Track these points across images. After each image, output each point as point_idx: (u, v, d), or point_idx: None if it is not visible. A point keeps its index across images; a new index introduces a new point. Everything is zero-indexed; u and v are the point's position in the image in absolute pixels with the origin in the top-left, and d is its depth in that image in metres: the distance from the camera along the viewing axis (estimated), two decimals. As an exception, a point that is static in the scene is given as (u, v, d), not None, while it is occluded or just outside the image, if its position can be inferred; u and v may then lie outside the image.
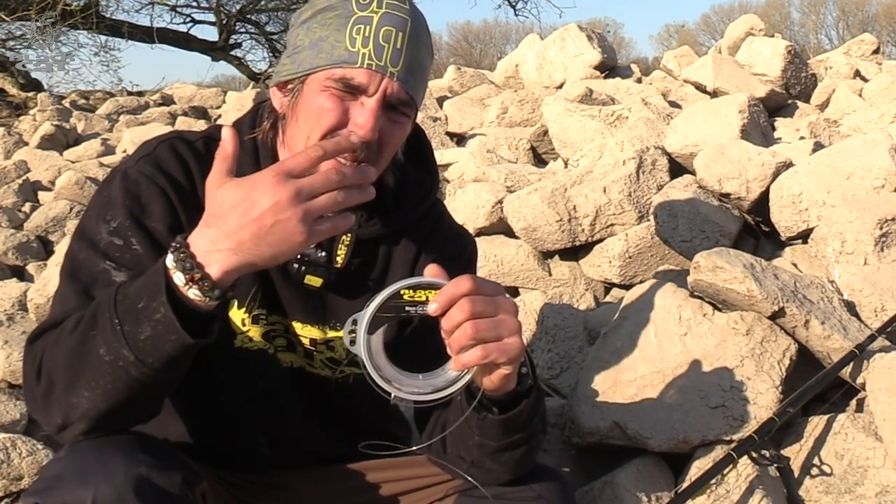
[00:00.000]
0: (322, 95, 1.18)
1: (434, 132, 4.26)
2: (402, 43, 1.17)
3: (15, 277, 3.28)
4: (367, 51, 1.15)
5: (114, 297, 1.03)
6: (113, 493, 1.01)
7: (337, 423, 1.39)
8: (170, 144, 1.27)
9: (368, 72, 1.16)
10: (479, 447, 1.21)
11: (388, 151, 1.23)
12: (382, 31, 1.16)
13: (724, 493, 1.67)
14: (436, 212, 1.41)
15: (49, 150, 5.60)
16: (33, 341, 1.12)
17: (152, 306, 1.00)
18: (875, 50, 5.61)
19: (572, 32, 5.26)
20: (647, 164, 2.80)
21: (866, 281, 2.11)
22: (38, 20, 10.44)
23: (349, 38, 1.16)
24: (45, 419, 1.10)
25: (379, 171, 1.25)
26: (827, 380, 1.82)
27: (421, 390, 1.03)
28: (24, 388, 1.11)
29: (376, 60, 1.15)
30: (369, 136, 1.16)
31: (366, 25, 1.16)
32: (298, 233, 0.98)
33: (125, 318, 1.01)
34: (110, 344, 1.01)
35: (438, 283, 1.01)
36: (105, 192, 1.23)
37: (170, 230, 1.20)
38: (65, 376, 1.05)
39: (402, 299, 0.99)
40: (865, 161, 2.51)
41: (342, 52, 1.16)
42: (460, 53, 37.28)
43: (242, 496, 1.36)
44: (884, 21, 34.83)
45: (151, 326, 1.00)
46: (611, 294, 2.70)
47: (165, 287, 0.99)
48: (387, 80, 1.16)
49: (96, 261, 1.17)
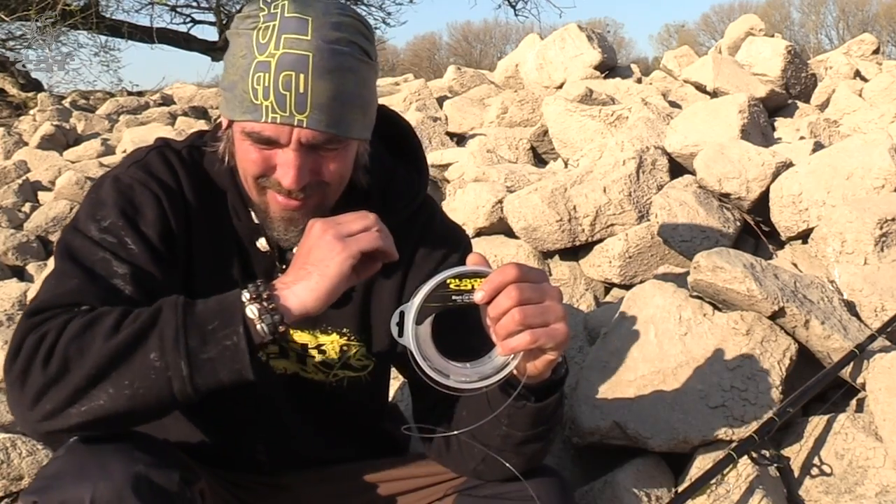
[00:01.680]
0: (244, 144, 1.16)
1: (434, 132, 4.26)
2: (304, 85, 1.09)
3: (15, 277, 3.29)
4: (269, 103, 1.10)
5: (182, 308, 1.03)
6: (111, 491, 1.01)
7: (333, 427, 1.39)
8: (160, 152, 1.27)
9: (274, 126, 1.11)
10: (504, 438, 1.20)
11: (335, 181, 1.19)
12: (282, 78, 1.09)
13: (724, 493, 1.67)
14: (427, 210, 1.39)
15: (49, 150, 5.60)
16: (33, 316, 1.07)
17: (225, 332, 1.02)
18: (875, 50, 5.62)
19: (572, 32, 5.27)
20: (647, 164, 2.80)
21: (866, 281, 2.11)
22: (38, 20, 10.44)
23: (251, 90, 1.10)
24: (30, 404, 1.02)
25: (334, 195, 1.22)
26: (827, 380, 1.82)
27: (469, 378, 1.03)
28: (12, 360, 1.04)
29: (280, 112, 1.10)
30: (294, 186, 1.14)
31: (265, 73, 1.09)
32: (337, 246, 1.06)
33: (192, 332, 1.02)
34: (167, 351, 1.01)
35: (484, 272, 1.01)
36: (94, 194, 1.22)
37: (161, 237, 1.19)
38: (93, 369, 1.01)
39: (449, 289, 1.00)
40: (865, 161, 2.51)
41: (249, 105, 1.11)
42: (460, 53, 37.28)
43: (242, 495, 1.36)
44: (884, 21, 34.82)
45: (218, 350, 1.02)
46: (611, 294, 2.70)
47: (242, 318, 1.03)
48: (297, 131, 1.11)
49: (94, 249, 1.15)
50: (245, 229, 1.28)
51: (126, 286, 1.12)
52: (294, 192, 1.15)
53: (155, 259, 1.18)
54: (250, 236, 1.28)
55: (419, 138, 1.41)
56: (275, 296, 1.05)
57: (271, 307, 1.04)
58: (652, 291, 2.01)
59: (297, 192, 1.15)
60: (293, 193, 1.16)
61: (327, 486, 1.39)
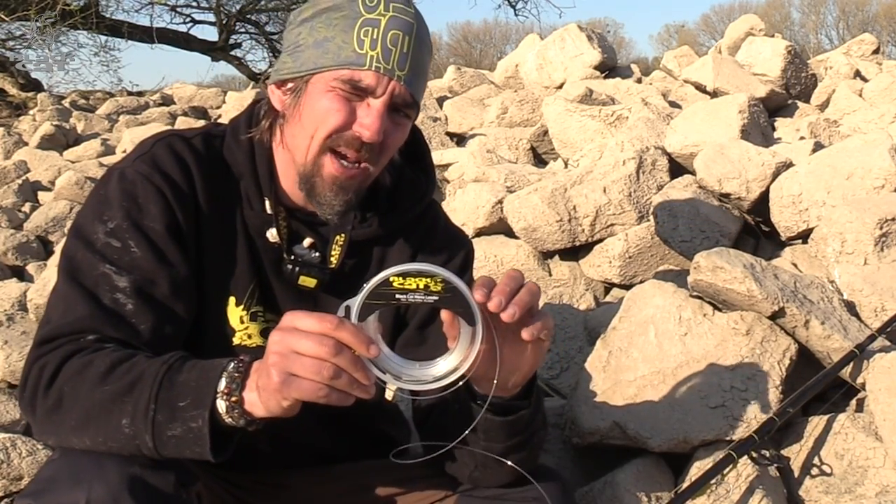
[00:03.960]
0: (327, 96, 1.18)
1: (434, 132, 4.26)
2: (408, 46, 1.18)
3: (15, 277, 3.29)
4: (376, 53, 1.16)
5: (160, 380, 1.03)
6: (107, 493, 1.01)
7: (335, 421, 1.38)
8: (167, 143, 1.26)
9: (377, 74, 1.17)
10: (485, 450, 1.21)
11: (388, 152, 1.24)
12: (390, 35, 1.16)
13: (724, 493, 1.67)
14: (431, 213, 1.41)
15: (49, 150, 5.60)
16: (42, 346, 1.11)
17: (192, 413, 1.01)
18: (875, 50, 5.62)
19: (572, 32, 5.26)
20: (647, 164, 2.80)
21: (866, 281, 2.11)
22: (38, 20, 10.44)
23: (357, 40, 1.16)
24: (38, 429, 1.11)
25: (376, 173, 1.25)
26: (827, 380, 1.82)
27: (420, 379, 1.02)
28: (23, 389, 1.11)
29: (384, 64, 1.16)
30: (375, 138, 1.17)
31: (374, 28, 1.16)
32: (275, 382, 0.96)
33: (162, 407, 1.02)
34: (136, 422, 1.02)
35: (428, 271, 0.99)
36: (102, 190, 1.23)
37: (167, 229, 1.20)
38: (78, 418, 1.05)
39: (392, 286, 0.99)
40: (865, 161, 2.51)
41: (350, 54, 1.16)
42: (460, 53, 37.30)
43: (242, 496, 1.36)
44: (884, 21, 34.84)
45: (183, 430, 1.01)
46: (611, 294, 2.70)
47: (212, 402, 1.00)
48: (394, 83, 1.17)
49: (95, 263, 1.17)
50: (256, 219, 1.29)
51: (128, 301, 1.15)
52: (363, 150, 1.18)
53: (159, 259, 1.18)
54: (260, 227, 1.29)
55: (426, 141, 1.43)
56: (242, 398, 1.00)
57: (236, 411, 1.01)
58: (652, 291, 2.01)
59: (364, 151, 1.19)
60: (361, 152, 1.19)
61: (327, 486, 1.39)
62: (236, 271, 1.28)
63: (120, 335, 1.13)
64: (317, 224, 1.32)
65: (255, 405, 1.00)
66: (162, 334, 1.16)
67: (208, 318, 1.27)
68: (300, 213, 1.31)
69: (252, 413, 1.01)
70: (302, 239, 1.31)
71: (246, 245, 1.29)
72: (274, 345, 0.96)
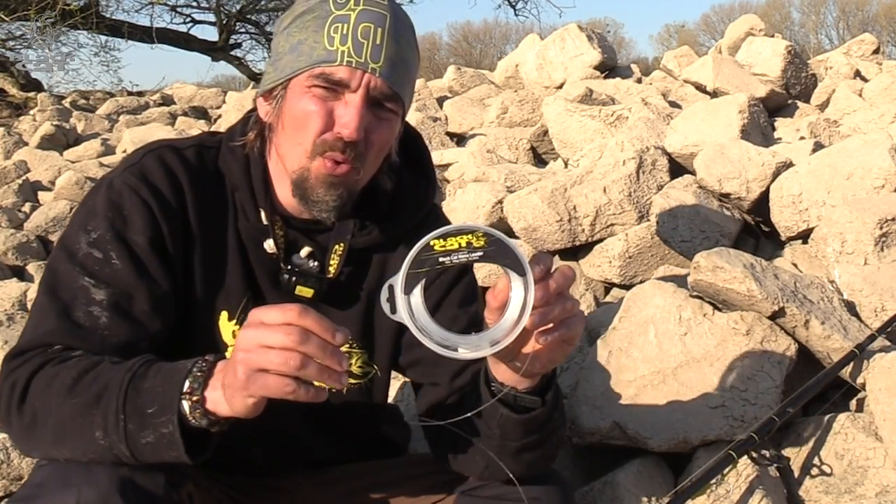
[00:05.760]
0: (304, 98, 1.17)
1: (434, 132, 4.26)
2: (381, 38, 1.16)
3: (15, 277, 3.29)
4: (346, 48, 1.14)
5: (125, 389, 1.02)
6: (97, 496, 1.01)
7: (332, 430, 1.38)
8: (157, 155, 1.25)
9: (349, 68, 1.15)
10: (500, 447, 1.19)
11: (375, 151, 1.21)
12: (360, 28, 1.15)
13: (724, 493, 1.67)
14: (433, 218, 1.38)
15: (49, 150, 5.60)
16: (13, 360, 1.11)
17: (161, 419, 1.00)
18: (875, 50, 5.62)
19: (572, 32, 5.26)
20: (647, 164, 2.80)
21: (866, 281, 2.11)
22: (38, 20, 10.44)
23: (327, 38, 1.15)
24: (19, 446, 1.13)
25: (368, 173, 1.23)
26: (827, 380, 1.81)
27: (478, 345, 0.97)
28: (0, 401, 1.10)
29: (356, 57, 1.15)
30: (354, 136, 1.15)
31: (343, 24, 1.15)
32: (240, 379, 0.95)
33: (131, 416, 1.01)
34: (109, 434, 1.02)
35: (468, 227, 0.95)
36: (90, 201, 1.22)
37: (150, 243, 1.19)
38: (54, 433, 1.05)
39: (434, 251, 0.94)
40: (865, 161, 2.51)
41: (321, 52, 1.15)
42: (460, 53, 37.30)
43: (238, 497, 1.35)
44: (884, 21, 34.83)
45: (156, 437, 1.00)
46: (611, 294, 2.70)
47: (178, 405, 0.99)
48: (368, 76, 1.15)
49: (75, 276, 1.16)
50: (251, 230, 1.27)
51: (103, 313, 1.14)
52: (347, 150, 1.16)
53: (139, 273, 1.17)
54: (256, 238, 1.27)
55: (426, 145, 1.41)
56: (204, 398, 0.99)
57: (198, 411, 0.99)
58: (652, 291, 2.01)
59: (349, 150, 1.16)
60: (347, 150, 1.16)
61: (325, 488, 1.38)
62: (229, 285, 1.26)
63: (88, 348, 1.11)
64: (315, 232, 1.30)
65: (218, 404, 0.98)
66: (136, 349, 1.14)
67: (200, 334, 1.26)
68: (297, 221, 1.29)
69: (216, 412, 0.99)
70: (300, 248, 1.30)
71: (239, 258, 1.27)
72: (241, 342, 0.95)
